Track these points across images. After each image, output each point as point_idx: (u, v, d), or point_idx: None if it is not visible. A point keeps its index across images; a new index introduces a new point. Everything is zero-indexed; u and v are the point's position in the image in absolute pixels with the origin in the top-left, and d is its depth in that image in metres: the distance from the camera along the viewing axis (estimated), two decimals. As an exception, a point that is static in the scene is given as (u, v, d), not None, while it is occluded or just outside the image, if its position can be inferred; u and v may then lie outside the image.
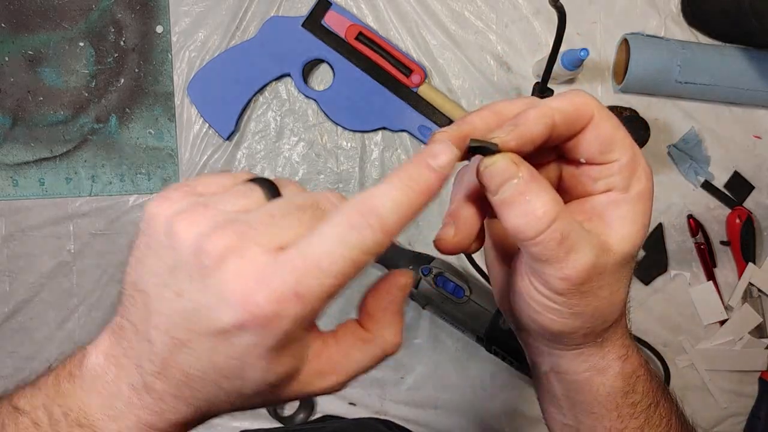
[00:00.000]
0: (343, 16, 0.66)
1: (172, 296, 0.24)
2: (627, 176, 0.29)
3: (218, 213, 0.24)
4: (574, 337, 0.31)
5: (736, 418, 0.70)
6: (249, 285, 0.23)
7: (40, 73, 0.67)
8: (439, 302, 0.62)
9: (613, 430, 0.33)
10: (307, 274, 0.23)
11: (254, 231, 0.23)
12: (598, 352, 0.32)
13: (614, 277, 0.29)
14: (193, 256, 0.23)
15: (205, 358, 0.24)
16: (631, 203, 0.29)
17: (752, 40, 0.65)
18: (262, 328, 0.23)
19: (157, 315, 0.24)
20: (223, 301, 0.23)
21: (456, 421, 0.69)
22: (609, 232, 0.29)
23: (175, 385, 0.25)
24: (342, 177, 0.68)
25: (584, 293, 0.28)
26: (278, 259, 0.23)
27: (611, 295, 0.30)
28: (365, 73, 0.66)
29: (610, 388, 0.33)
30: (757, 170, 0.69)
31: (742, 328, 0.69)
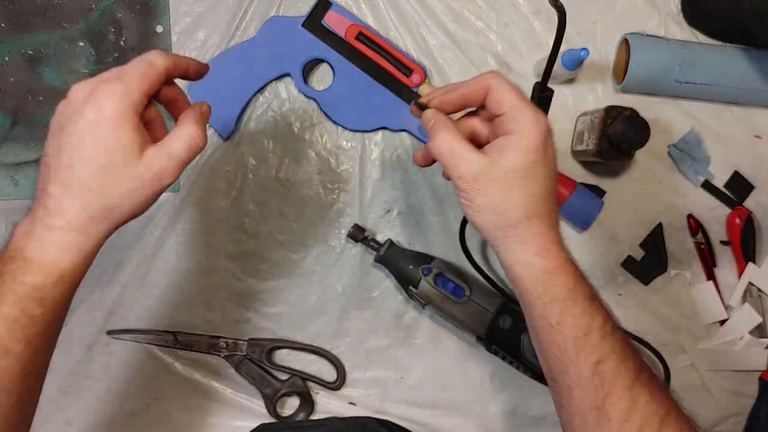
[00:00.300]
0: (343, 15, 0.66)
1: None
2: (511, 123, 0.43)
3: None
4: (489, 229, 0.44)
5: (736, 418, 0.70)
6: (91, 85, 0.41)
7: (40, 72, 0.67)
8: (439, 302, 0.62)
9: (540, 317, 0.43)
10: (121, 70, 0.41)
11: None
12: (518, 247, 0.43)
13: (504, 182, 0.42)
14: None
15: (77, 148, 0.39)
16: (514, 138, 0.43)
17: (752, 40, 0.65)
18: (106, 97, 0.39)
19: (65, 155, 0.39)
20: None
21: (456, 421, 0.69)
22: (499, 155, 0.43)
23: (66, 188, 0.39)
24: (342, 177, 0.68)
25: (478, 190, 0.42)
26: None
27: (506, 196, 0.42)
28: (365, 72, 0.66)
29: (533, 279, 0.43)
30: (758, 170, 0.69)
31: (742, 328, 0.69)
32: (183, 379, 0.68)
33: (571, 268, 0.44)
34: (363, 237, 0.66)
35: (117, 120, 0.39)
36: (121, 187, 0.40)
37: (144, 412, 0.68)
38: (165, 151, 0.41)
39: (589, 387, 0.42)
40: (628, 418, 0.41)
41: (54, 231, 0.39)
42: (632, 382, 0.42)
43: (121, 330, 0.68)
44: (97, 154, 0.39)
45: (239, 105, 0.66)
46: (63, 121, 0.40)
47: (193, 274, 0.68)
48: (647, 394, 0.41)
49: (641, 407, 0.41)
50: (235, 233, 0.68)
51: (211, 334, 0.68)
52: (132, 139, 0.40)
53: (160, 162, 0.41)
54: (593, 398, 0.42)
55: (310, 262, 0.68)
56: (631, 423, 0.41)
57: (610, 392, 0.41)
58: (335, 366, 0.68)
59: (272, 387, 0.68)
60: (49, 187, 0.39)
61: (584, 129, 0.65)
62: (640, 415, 0.41)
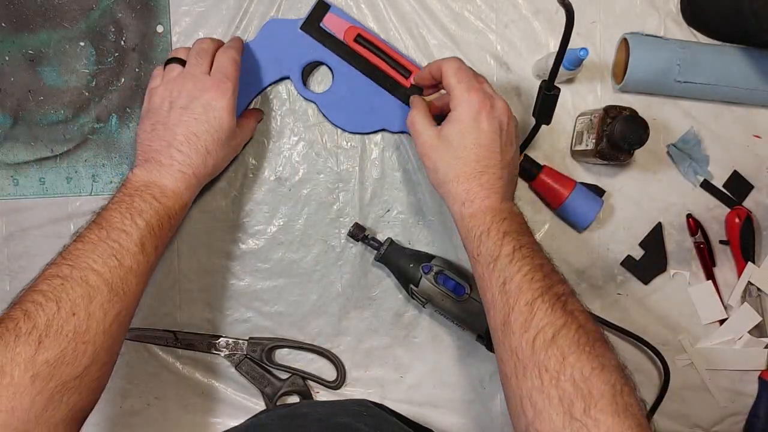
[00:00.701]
0: (341, 18, 0.66)
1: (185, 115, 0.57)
2: (453, 101, 0.55)
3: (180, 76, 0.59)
4: (435, 186, 0.57)
5: (736, 417, 0.70)
6: (208, 81, 0.58)
7: (41, 72, 0.67)
8: (440, 300, 0.62)
9: (469, 254, 0.54)
10: (225, 71, 0.58)
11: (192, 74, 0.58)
12: (450, 199, 0.55)
13: (441, 148, 0.55)
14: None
15: (204, 123, 0.57)
16: (452, 114, 0.55)
17: (752, 40, 0.65)
18: (223, 94, 0.57)
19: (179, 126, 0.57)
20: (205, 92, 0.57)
21: (456, 420, 0.69)
22: (442, 127, 0.56)
23: (193, 148, 0.56)
24: (342, 177, 0.68)
25: (427, 155, 0.56)
26: (211, 72, 0.59)
27: (441, 159, 0.55)
28: (364, 75, 0.66)
29: (461, 223, 0.54)
30: (757, 170, 0.69)
31: (742, 328, 0.69)
32: (183, 379, 0.68)
33: (489, 214, 0.52)
34: (363, 236, 0.66)
35: (229, 111, 0.58)
36: (223, 153, 0.59)
37: (144, 412, 0.69)
38: (242, 133, 0.63)
39: (498, 305, 0.48)
40: (527, 329, 0.45)
41: (185, 175, 0.56)
42: (534, 298, 0.46)
43: (121, 329, 0.68)
44: (216, 130, 0.57)
45: (240, 108, 0.66)
46: (184, 102, 0.57)
47: (193, 274, 0.68)
48: (547, 308, 0.45)
49: (538, 320, 0.45)
50: (235, 233, 0.68)
51: (211, 334, 0.68)
52: (233, 124, 0.58)
53: (240, 139, 0.63)
54: (502, 314, 0.48)
55: (310, 262, 0.68)
56: (529, 333, 0.45)
57: (513, 307, 0.47)
58: (335, 365, 0.68)
59: (272, 386, 0.68)
60: (182, 148, 0.56)
61: (584, 129, 0.65)
62: (536, 325, 0.45)
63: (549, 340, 0.44)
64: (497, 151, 0.54)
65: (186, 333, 0.68)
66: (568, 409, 0.41)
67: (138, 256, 0.52)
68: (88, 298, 0.48)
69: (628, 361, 0.68)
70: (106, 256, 0.50)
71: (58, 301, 0.47)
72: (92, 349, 0.48)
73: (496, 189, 0.53)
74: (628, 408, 0.41)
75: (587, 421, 0.40)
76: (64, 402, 0.46)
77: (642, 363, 0.69)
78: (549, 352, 0.44)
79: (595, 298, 0.69)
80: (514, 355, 0.46)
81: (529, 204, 0.68)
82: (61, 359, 0.46)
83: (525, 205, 0.68)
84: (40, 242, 0.67)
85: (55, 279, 0.49)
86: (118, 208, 0.53)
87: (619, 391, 0.42)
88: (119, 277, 0.50)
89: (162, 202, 0.54)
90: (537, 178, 0.66)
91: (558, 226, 0.69)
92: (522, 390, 0.44)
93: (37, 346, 0.45)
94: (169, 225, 0.55)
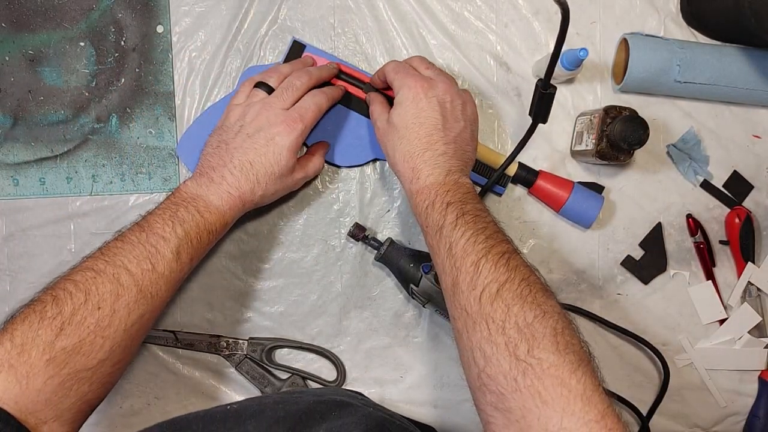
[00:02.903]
0: (318, 55, 0.66)
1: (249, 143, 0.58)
2: (395, 90, 0.59)
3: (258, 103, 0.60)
4: (391, 167, 0.60)
5: (736, 417, 0.70)
6: (281, 116, 0.59)
7: (41, 72, 0.67)
8: (440, 300, 0.62)
9: (421, 227, 0.56)
10: (303, 112, 0.59)
11: (273, 105, 0.59)
12: (401, 179, 0.58)
13: (390, 133, 0.58)
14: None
15: (262, 156, 0.58)
16: (395, 99, 0.58)
17: (751, 40, 0.65)
18: (290, 132, 0.58)
19: (237, 151, 0.58)
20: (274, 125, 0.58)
21: (455, 420, 0.69)
22: (390, 113, 0.59)
23: (245, 175, 0.57)
24: (342, 177, 0.68)
25: (382, 142, 0.60)
26: (290, 109, 0.60)
27: (389, 143, 0.58)
28: (349, 108, 0.66)
29: (410, 199, 0.57)
30: (757, 170, 0.69)
31: (742, 328, 0.69)
32: (183, 379, 0.68)
33: (433, 188, 0.54)
34: (363, 236, 0.66)
35: (291, 150, 0.58)
36: (274, 188, 0.59)
37: (144, 411, 0.69)
38: (303, 171, 0.62)
39: (446, 268, 0.51)
40: (474, 287, 0.48)
41: (232, 197, 0.57)
42: (478, 259, 0.49)
43: (121, 329, 0.68)
44: (271, 165, 0.58)
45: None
46: (252, 130, 0.58)
47: (194, 274, 0.68)
48: (491, 266, 0.48)
49: (483, 277, 0.48)
50: (235, 233, 0.68)
51: (211, 334, 0.68)
52: (291, 163, 0.59)
53: (297, 176, 0.61)
54: (451, 277, 0.50)
55: (310, 262, 0.68)
56: (476, 291, 0.47)
57: (461, 268, 0.49)
58: (335, 365, 0.68)
59: (272, 386, 0.68)
60: (234, 171, 0.57)
61: (583, 129, 0.65)
62: (481, 283, 0.47)
63: (494, 294, 0.47)
64: (439, 128, 0.56)
65: (186, 333, 0.68)
66: (513, 352, 0.44)
67: (172, 264, 0.53)
68: (115, 295, 0.50)
69: (628, 361, 0.69)
70: (142, 258, 0.52)
71: (87, 293, 0.49)
72: (110, 344, 0.49)
73: (440, 164, 0.55)
74: (569, 346, 0.44)
75: (531, 360, 0.43)
76: (74, 390, 0.48)
77: (642, 363, 0.69)
78: (494, 305, 0.46)
79: (595, 298, 0.69)
80: (463, 311, 0.48)
81: (531, 205, 0.69)
82: (78, 348, 0.48)
83: (526, 206, 0.68)
84: (40, 242, 0.67)
85: (88, 272, 0.51)
86: (162, 214, 0.55)
87: (560, 332, 0.44)
88: (150, 280, 0.52)
89: (205, 217, 0.56)
90: (534, 184, 0.66)
91: (558, 226, 0.69)
92: (473, 342, 0.47)
93: (59, 332, 0.47)
94: (207, 240, 0.56)
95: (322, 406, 0.49)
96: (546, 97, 0.57)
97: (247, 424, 0.46)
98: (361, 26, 0.68)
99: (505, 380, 0.43)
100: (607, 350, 0.69)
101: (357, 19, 0.68)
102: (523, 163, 0.67)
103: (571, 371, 0.42)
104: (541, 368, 0.42)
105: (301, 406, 0.49)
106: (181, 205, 0.56)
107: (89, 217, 0.68)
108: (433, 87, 0.57)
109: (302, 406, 0.49)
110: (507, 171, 0.66)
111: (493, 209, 0.68)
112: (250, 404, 0.50)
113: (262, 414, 0.47)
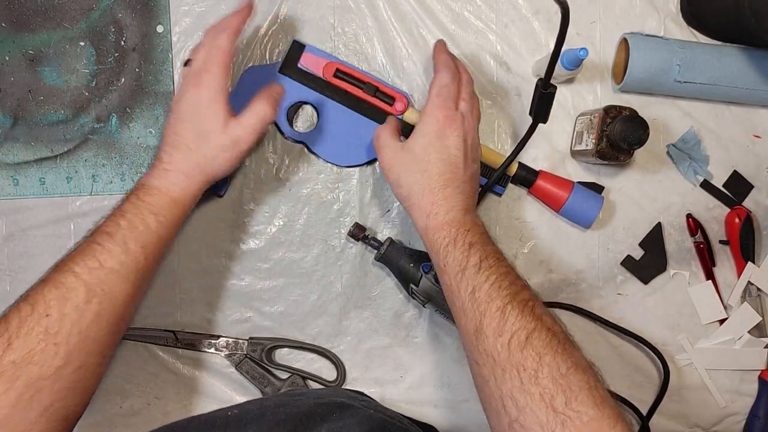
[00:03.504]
0: (318, 55, 0.66)
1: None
2: (423, 114, 0.57)
3: None
4: (400, 200, 0.58)
5: (736, 417, 0.70)
6: (186, 76, 0.57)
7: (41, 72, 0.67)
8: (440, 300, 0.62)
9: (435, 264, 0.55)
10: (205, 60, 0.56)
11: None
12: (415, 213, 0.56)
13: (404, 163, 0.56)
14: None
15: (184, 121, 0.56)
16: (420, 126, 0.57)
17: (751, 40, 0.65)
18: (197, 86, 0.56)
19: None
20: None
21: (455, 420, 0.69)
22: (409, 140, 0.57)
23: (175, 147, 0.56)
24: (342, 177, 0.68)
25: (389, 170, 0.58)
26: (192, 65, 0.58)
27: (404, 173, 0.56)
28: (349, 108, 0.66)
29: (426, 235, 0.55)
30: (756, 170, 0.69)
31: (742, 327, 0.69)
32: (183, 379, 0.68)
33: (454, 226, 0.54)
34: (363, 236, 0.66)
35: (207, 104, 0.55)
36: (210, 149, 0.56)
37: (144, 411, 0.69)
38: (241, 122, 0.56)
39: (468, 312, 0.50)
40: (501, 333, 0.47)
41: (169, 172, 0.56)
42: (504, 305, 0.48)
43: (121, 329, 0.68)
44: (194, 126, 0.55)
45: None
46: (174, 106, 0.57)
47: (194, 274, 0.68)
48: (517, 313, 0.47)
49: (510, 324, 0.47)
50: (235, 233, 0.68)
51: (211, 333, 0.68)
52: (218, 116, 0.55)
53: (236, 131, 0.56)
54: (474, 321, 0.49)
55: (310, 262, 0.68)
56: (503, 337, 0.47)
57: (485, 313, 0.49)
58: (335, 365, 0.68)
59: (273, 386, 0.68)
60: (166, 148, 0.56)
61: (583, 129, 0.65)
62: (509, 329, 0.47)
63: (524, 342, 0.46)
64: (461, 166, 0.56)
65: (186, 333, 0.68)
66: (550, 403, 0.43)
67: (121, 257, 0.52)
68: (62, 300, 0.49)
69: (628, 361, 0.69)
70: (87, 257, 0.51)
71: (34, 303, 0.48)
72: (65, 350, 0.48)
73: (459, 201, 0.55)
74: (605, 400, 0.43)
75: (570, 413, 0.42)
76: (36, 401, 0.46)
77: (642, 363, 0.69)
78: (525, 353, 0.45)
79: (595, 298, 0.69)
80: (490, 357, 0.47)
81: (531, 204, 0.69)
82: (29, 359, 0.46)
83: (526, 206, 0.68)
84: (40, 242, 0.67)
85: (38, 283, 0.50)
86: (110, 214, 0.55)
87: (594, 386, 0.44)
88: (98, 278, 0.50)
89: (146, 200, 0.55)
90: (534, 184, 0.66)
91: (558, 226, 0.69)
92: (502, 390, 0.46)
93: (6, 347, 0.46)
94: (156, 223, 0.54)
95: (323, 408, 0.49)
96: (546, 96, 0.57)
97: (248, 429, 0.46)
98: (361, 26, 0.68)
99: (542, 431, 0.43)
100: (607, 350, 0.69)
101: (357, 19, 0.68)
102: (523, 163, 0.67)
103: (610, 426, 0.42)
104: (581, 421, 0.42)
105: (301, 409, 0.49)
106: (125, 200, 0.55)
107: (89, 217, 0.67)
108: (461, 124, 0.56)
109: (303, 409, 0.49)
110: (507, 171, 0.66)
111: (493, 209, 0.68)
112: (251, 408, 0.50)
113: (263, 418, 0.47)
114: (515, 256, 0.69)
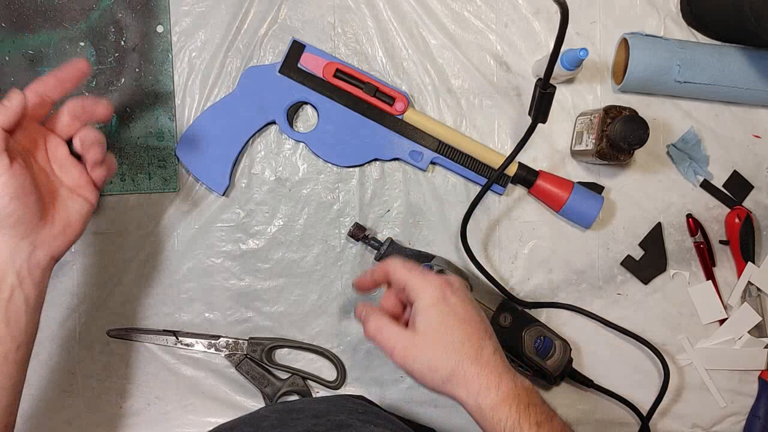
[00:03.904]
0: (317, 56, 0.66)
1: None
2: (411, 293, 0.51)
3: None
4: (437, 387, 0.49)
5: (736, 417, 0.70)
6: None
7: (41, 72, 0.67)
8: (439, 301, 0.62)
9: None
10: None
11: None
12: (463, 393, 0.48)
13: (426, 344, 0.49)
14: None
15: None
16: (416, 304, 0.50)
17: (751, 40, 0.65)
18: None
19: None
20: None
21: (455, 420, 0.69)
22: (413, 323, 0.50)
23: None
24: (342, 177, 0.68)
25: (412, 360, 0.49)
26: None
27: (432, 355, 0.48)
28: (349, 108, 0.66)
29: (482, 416, 0.47)
30: (757, 170, 0.69)
31: (742, 328, 0.69)
32: (183, 379, 0.68)
33: (515, 399, 0.47)
34: (363, 236, 0.66)
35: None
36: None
37: (144, 411, 0.69)
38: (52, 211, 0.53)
39: None
40: None
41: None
42: None
43: (121, 329, 0.68)
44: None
45: (230, 160, 0.66)
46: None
47: (193, 274, 0.68)
48: None
49: None
50: (235, 233, 0.68)
51: (211, 334, 0.68)
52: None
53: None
54: None
55: (310, 262, 0.68)
56: None
57: None
58: (335, 365, 0.68)
59: (273, 386, 0.68)
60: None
61: (583, 129, 0.65)
62: None
63: None
64: (478, 320, 0.51)
65: (186, 333, 0.68)
66: None
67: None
68: None
69: (628, 361, 0.69)
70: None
71: None
72: None
73: (500, 366, 0.49)
74: None
75: None
76: None
77: (642, 363, 0.69)
78: None
79: (595, 298, 0.69)
80: None
81: (531, 204, 0.69)
82: None
83: (526, 206, 0.68)
84: (40, 242, 0.67)
85: None
86: None
87: None
88: None
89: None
90: (534, 184, 0.66)
91: (558, 226, 0.69)
92: None
93: None
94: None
95: (321, 428, 0.48)
96: (546, 96, 0.57)
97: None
98: (361, 26, 0.68)
99: None
100: (607, 350, 0.69)
101: (357, 19, 0.68)
102: (523, 163, 0.67)
103: None
104: None
105: (298, 429, 0.48)
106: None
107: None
108: (451, 282, 0.52)
109: (300, 429, 0.48)
110: (507, 171, 0.66)
111: (493, 209, 0.68)
112: (245, 430, 0.49)
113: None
114: (515, 256, 0.69)
